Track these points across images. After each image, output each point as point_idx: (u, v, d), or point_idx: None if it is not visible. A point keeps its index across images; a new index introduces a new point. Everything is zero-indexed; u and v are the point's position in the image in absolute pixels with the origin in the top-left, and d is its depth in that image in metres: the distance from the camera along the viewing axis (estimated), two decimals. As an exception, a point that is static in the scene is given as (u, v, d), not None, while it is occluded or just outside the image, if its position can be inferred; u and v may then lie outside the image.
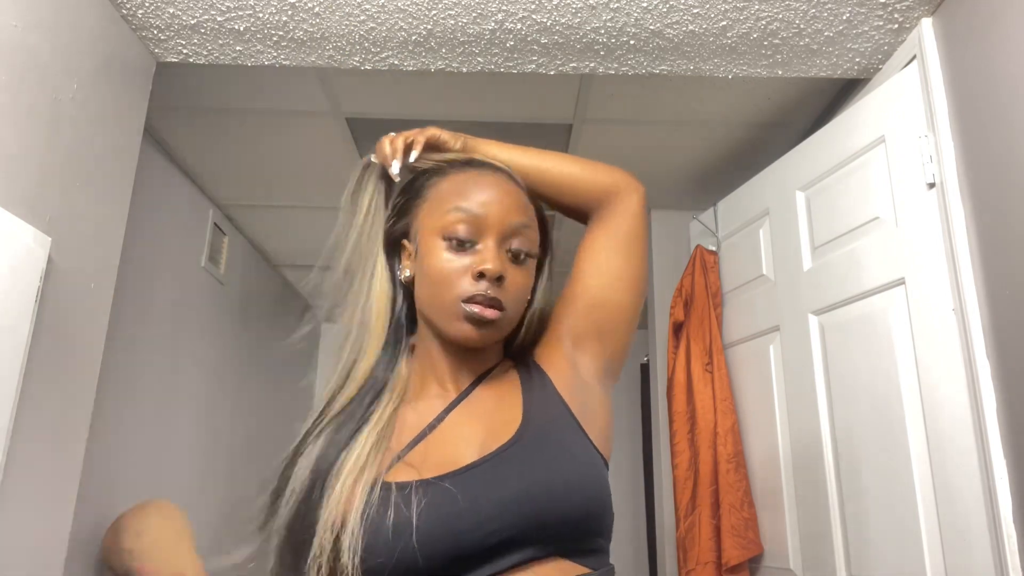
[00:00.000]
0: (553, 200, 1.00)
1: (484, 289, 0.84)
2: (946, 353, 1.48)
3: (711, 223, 2.37)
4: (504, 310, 0.86)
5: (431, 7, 1.61)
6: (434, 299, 0.87)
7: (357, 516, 0.75)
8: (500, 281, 0.85)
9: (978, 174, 1.46)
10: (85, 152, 1.54)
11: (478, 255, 0.85)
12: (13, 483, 1.30)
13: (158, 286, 2.34)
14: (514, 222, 0.88)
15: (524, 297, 0.90)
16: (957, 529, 1.42)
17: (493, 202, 0.88)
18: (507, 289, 0.86)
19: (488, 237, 0.86)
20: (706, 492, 2.08)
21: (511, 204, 0.89)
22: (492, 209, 0.87)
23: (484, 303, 0.84)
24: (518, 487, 0.77)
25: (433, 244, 0.87)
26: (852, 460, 1.70)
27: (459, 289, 0.85)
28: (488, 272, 0.84)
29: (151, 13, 1.64)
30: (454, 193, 0.89)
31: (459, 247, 0.86)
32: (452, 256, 0.86)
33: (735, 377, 2.17)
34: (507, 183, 0.92)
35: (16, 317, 1.30)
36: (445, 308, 0.86)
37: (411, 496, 0.76)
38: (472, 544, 0.74)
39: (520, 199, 0.92)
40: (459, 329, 0.86)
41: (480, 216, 0.87)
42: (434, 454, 0.82)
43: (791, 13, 1.62)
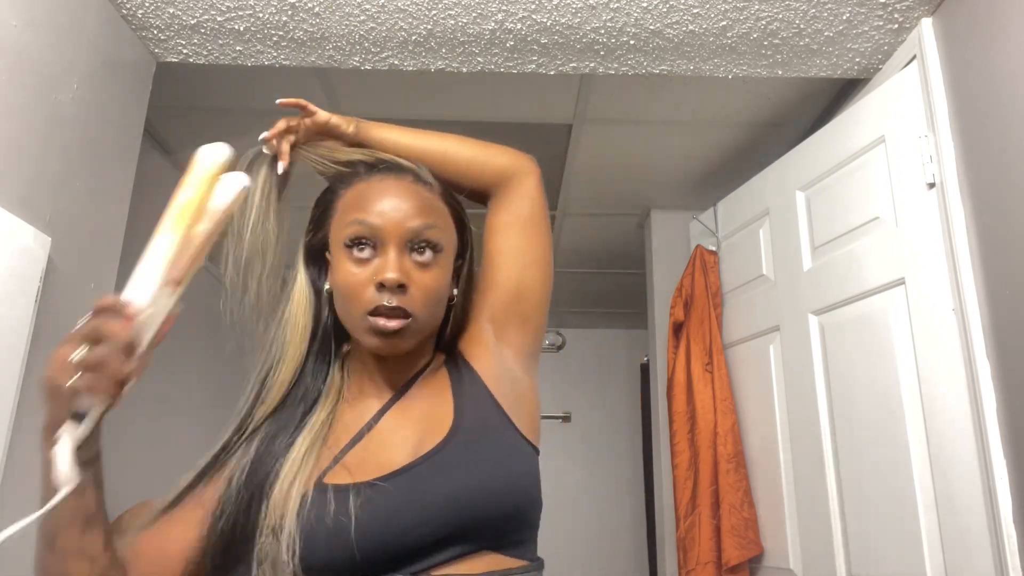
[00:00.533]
0: (451, 183, 0.98)
1: (386, 299, 0.83)
2: (946, 353, 1.48)
3: (711, 223, 2.37)
4: (411, 316, 0.84)
5: (431, 7, 1.61)
6: (344, 312, 0.88)
7: (294, 517, 0.77)
8: (403, 289, 0.84)
9: (978, 174, 1.46)
10: (85, 152, 1.54)
11: (379, 265, 0.85)
12: (13, 483, 1.30)
13: (158, 286, 2.34)
14: (414, 225, 0.86)
15: (438, 296, 0.89)
16: (957, 529, 1.42)
17: (391, 209, 0.87)
18: (413, 295, 0.85)
19: (388, 245, 0.85)
20: (706, 492, 2.08)
21: (411, 208, 0.87)
22: (390, 217, 0.86)
23: (387, 314, 0.83)
24: (451, 488, 0.79)
25: (338, 257, 0.88)
26: (852, 460, 1.70)
27: (363, 301, 0.84)
28: (387, 282, 0.83)
29: (151, 13, 1.64)
30: (353, 205, 0.89)
31: (360, 258, 0.86)
32: (355, 269, 0.85)
33: (735, 377, 2.17)
34: (410, 185, 0.91)
35: (16, 317, 1.30)
36: (354, 321, 0.86)
37: (348, 497, 0.78)
38: (408, 543, 0.77)
39: (422, 200, 0.90)
40: (368, 342, 0.86)
41: (377, 226, 0.86)
42: (370, 457, 0.84)
43: (791, 13, 1.62)
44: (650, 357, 2.79)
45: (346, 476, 0.82)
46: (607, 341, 4.39)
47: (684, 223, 2.55)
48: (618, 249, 3.20)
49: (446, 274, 0.90)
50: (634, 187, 2.66)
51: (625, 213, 2.87)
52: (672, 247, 2.70)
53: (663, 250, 2.75)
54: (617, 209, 2.84)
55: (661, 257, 2.75)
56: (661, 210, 2.79)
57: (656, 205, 2.79)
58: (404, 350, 0.88)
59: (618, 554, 4.08)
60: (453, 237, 0.93)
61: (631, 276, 3.36)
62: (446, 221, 0.92)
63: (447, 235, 0.91)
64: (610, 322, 4.31)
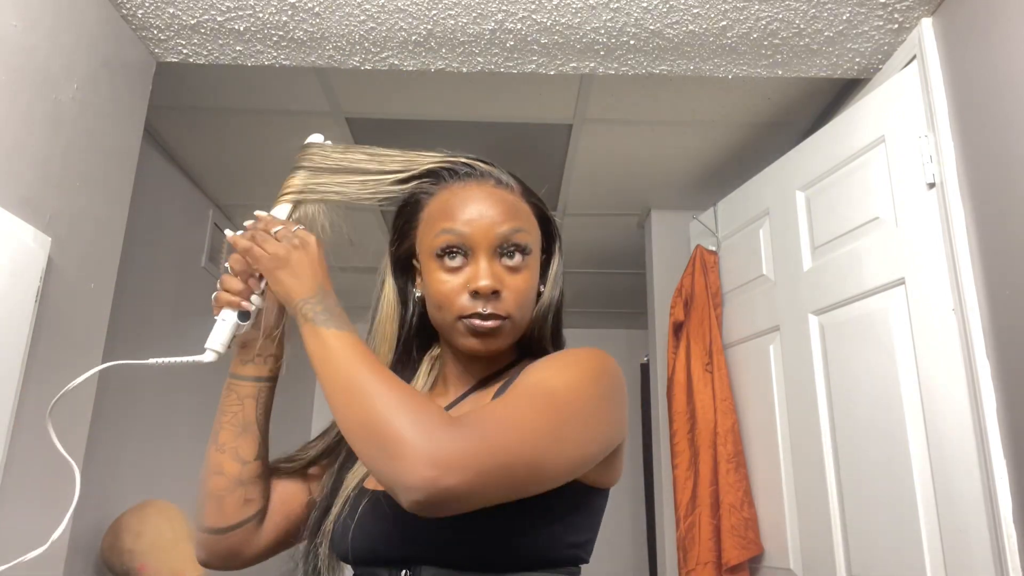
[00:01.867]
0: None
1: (480, 307, 0.86)
2: (946, 353, 1.48)
3: (711, 223, 2.37)
4: (508, 317, 0.87)
5: (431, 7, 1.61)
6: (438, 319, 0.90)
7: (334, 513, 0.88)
8: (496, 295, 0.86)
9: (978, 174, 1.46)
10: (85, 152, 1.54)
11: (471, 273, 0.87)
12: (13, 483, 1.30)
13: (158, 286, 2.34)
14: (502, 231, 0.88)
15: (528, 299, 0.90)
16: (957, 529, 1.42)
17: (478, 216, 0.88)
18: (506, 299, 0.87)
19: (479, 252, 0.87)
20: (706, 492, 2.08)
21: (497, 213, 0.88)
22: (478, 224, 0.87)
23: (482, 318, 0.86)
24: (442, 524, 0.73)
25: (429, 267, 0.90)
26: (852, 460, 1.70)
27: (457, 308, 0.86)
28: (481, 290, 0.85)
29: (151, 13, 1.64)
30: (440, 214, 0.90)
31: (452, 267, 0.87)
32: (447, 277, 0.87)
33: (735, 377, 2.17)
34: (492, 190, 0.91)
35: (16, 317, 1.30)
36: (449, 326, 0.89)
37: (362, 502, 0.84)
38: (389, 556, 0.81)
39: (506, 204, 0.90)
40: (465, 344, 0.88)
41: (466, 234, 0.87)
42: None
43: (791, 13, 1.62)
44: (650, 357, 2.79)
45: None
46: (607, 341, 4.39)
47: (684, 223, 2.55)
48: (618, 249, 3.20)
49: (535, 274, 0.92)
50: (634, 187, 2.66)
51: (625, 213, 2.87)
52: (672, 247, 2.70)
53: (663, 250, 2.75)
54: (617, 209, 2.84)
55: (661, 257, 2.75)
56: (661, 210, 2.79)
57: (656, 205, 2.79)
58: (500, 349, 0.90)
59: (618, 554, 4.09)
60: (538, 236, 0.94)
61: (631, 276, 3.36)
62: (530, 222, 0.93)
63: (533, 236, 0.92)
64: (610, 322, 4.31)
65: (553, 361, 0.83)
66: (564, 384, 0.76)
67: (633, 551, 4.09)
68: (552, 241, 0.97)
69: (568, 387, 0.76)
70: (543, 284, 0.96)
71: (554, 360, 0.83)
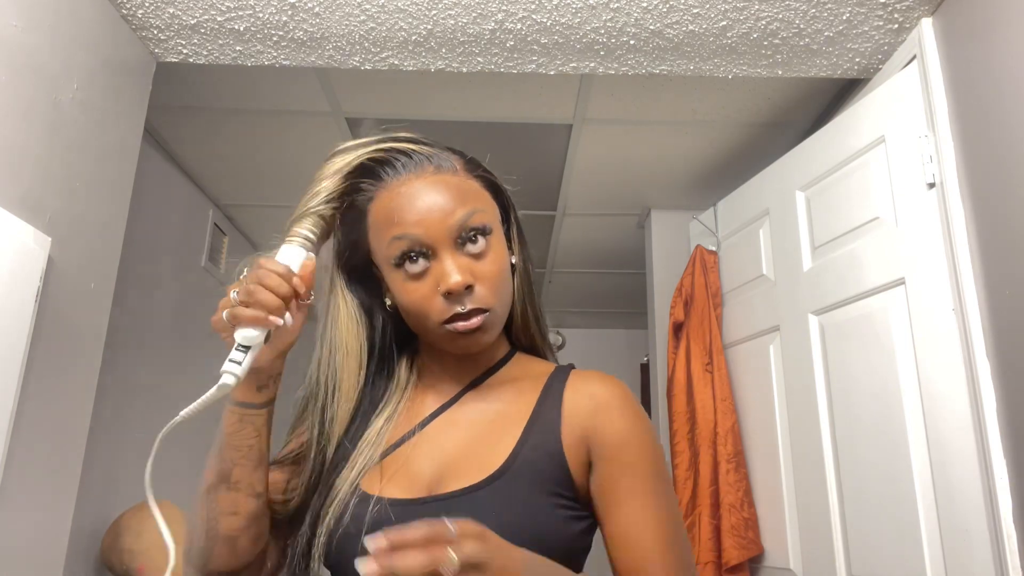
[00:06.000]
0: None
1: (458, 307, 0.80)
2: (946, 353, 1.48)
3: (711, 223, 2.37)
4: (489, 308, 0.82)
5: (431, 7, 1.61)
6: (420, 328, 0.85)
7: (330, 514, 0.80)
8: (470, 290, 0.80)
9: (978, 174, 1.46)
10: (85, 152, 1.54)
11: (438, 274, 0.80)
12: (13, 483, 1.30)
13: (158, 286, 2.34)
14: (457, 220, 0.81)
15: (504, 280, 0.84)
16: (957, 529, 1.42)
17: (427, 213, 0.81)
18: (481, 289, 0.81)
19: (439, 250, 0.81)
20: (706, 492, 2.08)
21: (447, 203, 0.81)
22: (429, 221, 0.80)
23: (464, 318, 0.80)
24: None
25: (393, 278, 0.83)
26: (852, 460, 1.70)
27: (435, 315, 0.81)
28: (453, 289, 0.79)
29: (151, 13, 1.64)
30: (387, 220, 0.82)
31: (416, 273, 0.81)
32: (414, 285, 0.81)
33: (735, 377, 2.17)
34: (434, 178, 0.83)
35: (16, 317, 1.30)
36: (433, 334, 0.83)
37: (367, 508, 0.79)
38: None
39: (452, 188, 0.83)
40: (456, 347, 0.84)
41: (420, 236, 0.80)
42: (405, 467, 0.83)
43: (791, 13, 1.62)
44: (650, 357, 2.79)
45: (375, 483, 0.81)
46: (607, 341, 4.39)
47: (684, 223, 2.55)
48: (618, 249, 3.20)
49: (503, 251, 0.85)
50: (634, 187, 2.66)
51: (625, 213, 2.87)
52: (672, 247, 2.70)
53: (663, 250, 2.75)
54: (617, 209, 2.84)
55: (661, 257, 2.75)
56: (661, 210, 2.79)
57: (656, 205, 2.79)
58: (491, 342, 0.85)
59: (618, 554, 4.08)
60: (495, 210, 0.87)
61: (631, 276, 3.36)
62: (483, 198, 0.85)
63: (490, 212, 0.85)
64: (610, 322, 4.31)
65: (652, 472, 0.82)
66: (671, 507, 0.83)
67: (633, 551, 4.08)
68: (508, 209, 0.91)
69: (672, 503, 0.84)
70: (513, 256, 0.89)
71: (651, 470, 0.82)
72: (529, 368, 0.91)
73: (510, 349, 0.93)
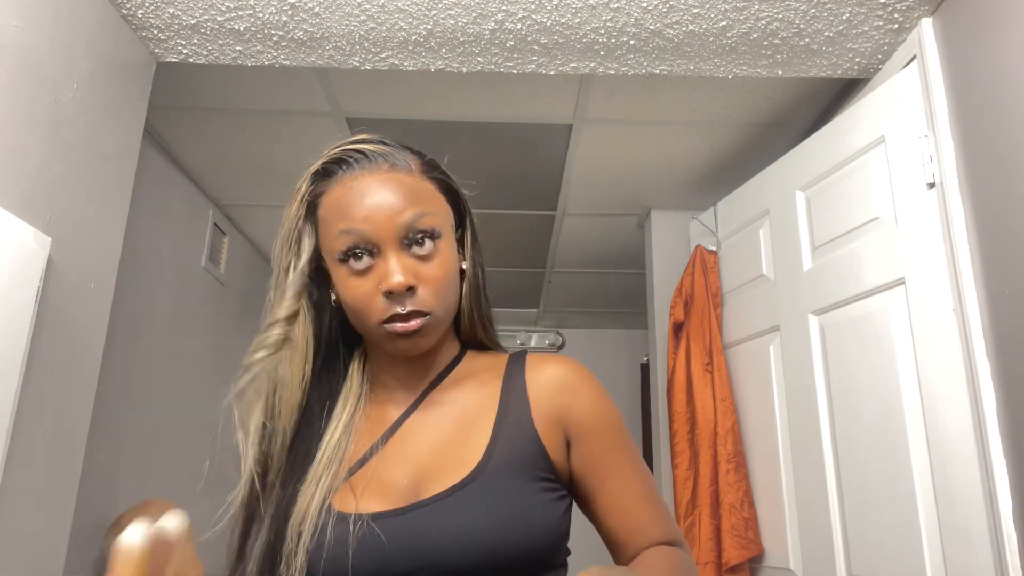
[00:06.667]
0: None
1: (398, 307, 0.79)
2: (946, 353, 1.48)
3: (711, 223, 2.37)
4: (429, 312, 0.81)
5: (431, 7, 1.61)
6: (359, 326, 0.84)
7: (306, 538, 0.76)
8: (412, 291, 0.80)
9: (978, 174, 1.46)
10: (85, 152, 1.54)
11: (381, 272, 0.80)
12: (13, 483, 1.30)
13: (158, 286, 2.34)
14: (405, 220, 0.80)
15: (448, 286, 0.83)
16: (957, 529, 1.42)
17: (376, 210, 0.80)
18: (423, 292, 0.80)
19: (384, 249, 0.80)
20: (706, 492, 2.08)
21: (397, 201, 0.81)
22: (377, 218, 0.80)
23: (403, 319, 0.80)
24: (452, 540, 0.75)
25: (337, 272, 0.82)
26: (852, 460, 1.70)
27: (375, 313, 0.80)
28: (394, 288, 0.78)
29: (151, 13, 1.65)
30: (335, 214, 0.82)
31: (359, 269, 0.80)
32: (356, 281, 0.80)
33: (735, 377, 2.17)
34: (387, 176, 0.82)
35: (16, 317, 1.30)
36: (371, 333, 0.83)
37: (347, 528, 0.76)
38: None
39: (405, 188, 0.82)
40: (394, 347, 0.83)
41: (366, 231, 0.79)
42: (377, 480, 0.81)
43: (791, 13, 1.62)
44: (650, 357, 2.79)
45: (350, 501, 0.79)
46: (607, 341, 4.39)
47: (684, 223, 2.55)
48: (618, 249, 3.20)
49: (452, 255, 0.84)
50: (634, 187, 2.66)
51: (625, 213, 2.87)
52: (672, 247, 2.70)
53: (663, 250, 2.75)
54: (617, 209, 2.84)
55: (661, 257, 2.75)
56: (661, 210, 2.79)
57: (656, 205, 2.79)
58: (430, 346, 0.84)
59: (618, 554, 4.08)
60: (448, 214, 0.86)
61: (631, 276, 3.36)
62: (436, 201, 0.84)
63: (442, 216, 0.84)
64: (610, 322, 4.31)
65: (612, 419, 0.86)
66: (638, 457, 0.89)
67: (633, 551, 4.08)
68: (463, 214, 0.90)
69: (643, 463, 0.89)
70: (464, 262, 0.89)
71: (612, 417, 0.87)
72: (484, 362, 0.91)
73: (461, 348, 0.93)
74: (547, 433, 0.84)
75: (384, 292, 0.79)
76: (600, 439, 0.85)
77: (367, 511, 0.78)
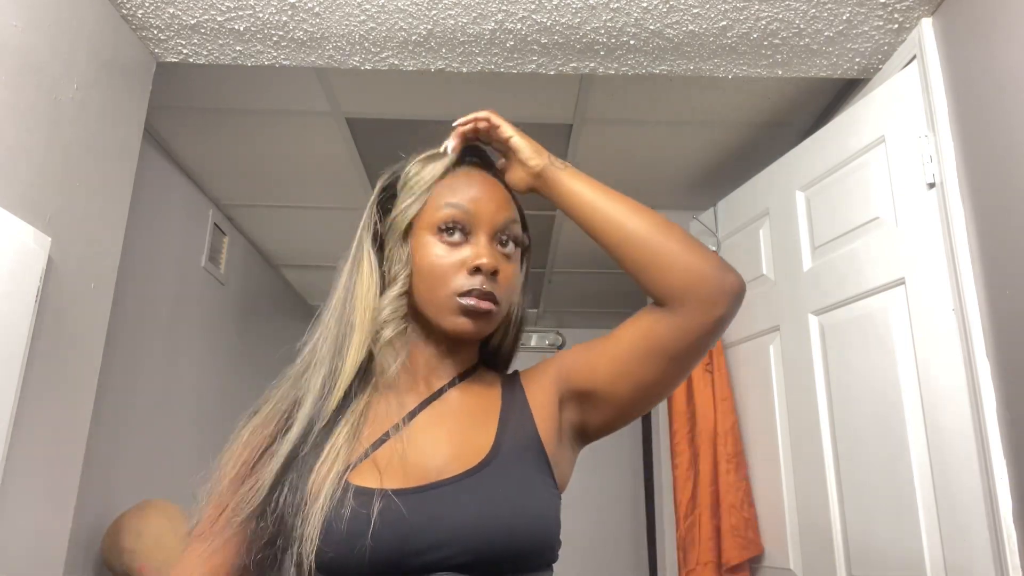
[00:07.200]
0: (615, 260, 0.94)
1: (480, 283, 0.85)
2: (946, 353, 1.48)
3: (711, 223, 2.37)
4: (498, 304, 0.87)
5: (431, 7, 1.61)
6: (429, 294, 0.87)
7: (320, 512, 0.77)
8: (495, 275, 0.86)
9: (978, 174, 1.46)
10: (85, 152, 1.54)
11: (472, 250, 0.87)
12: (13, 483, 1.30)
13: (158, 286, 2.34)
14: (504, 218, 0.90)
15: (514, 291, 0.92)
16: (957, 529, 1.42)
17: (483, 198, 0.89)
18: (500, 283, 0.87)
19: (480, 232, 0.88)
20: (706, 492, 2.08)
21: (500, 200, 0.91)
22: (482, 205, 0.89)
23: (480, 296, 0.85)
24: (472, 518, 0.78)
25: (425, 240, 0.88)
26: (852, 460, 1.70)
27: (454, 284, 0.86)
28: (484, 267, 0.85)
29: (151, 13, 1.65)
30: (448, 189, 0.90)
31: (452, 243, 0.87)
32: (445, 251, 0.87)
33: (735, 377, 2.17)
34: (493, 179, 0.94)
35: (16, 317, 1.30)
36: (440, 303, 0.86)
37: (371, 501, 0.77)
38: (419, 562, 0.76)
39: (505, 195, 0.93)
40: (454, 323, 0.86)
41: (472, 212, 0.88)
42: (401, 460, 0.83)
43: (791, 13, 1.62)
44: (650, 357, 2.78)
45: (374, 477, 0.81)
46: (607, 341, 4.38)
47: (684, 223, 2.54)
48: (618, 249, 3.19)
49: (519, 270, 0.93)
50: (634, 187, 2.63)
51: (625, 213, 2.87)
52: (672, 247, 2.69)
53: (663, 250, 2.74)
54: (617, 209, 2.84)
55: (661, 257, 2.74)
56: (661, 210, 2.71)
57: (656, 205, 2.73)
58: (485, 334, 0.90)
59: (618, 554, 4.08)
60: (522, 236, 0.95)
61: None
62: (519, 219, 0.94)
63: (521, 233, 0.94)
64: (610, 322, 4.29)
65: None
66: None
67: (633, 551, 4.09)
68: (526, 247, 0.98)
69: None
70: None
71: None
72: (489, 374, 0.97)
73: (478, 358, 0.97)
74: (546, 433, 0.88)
75: (473, 267, 0.85)
76: (559, 361, 0.93)
77: (390, 487, 0.80)
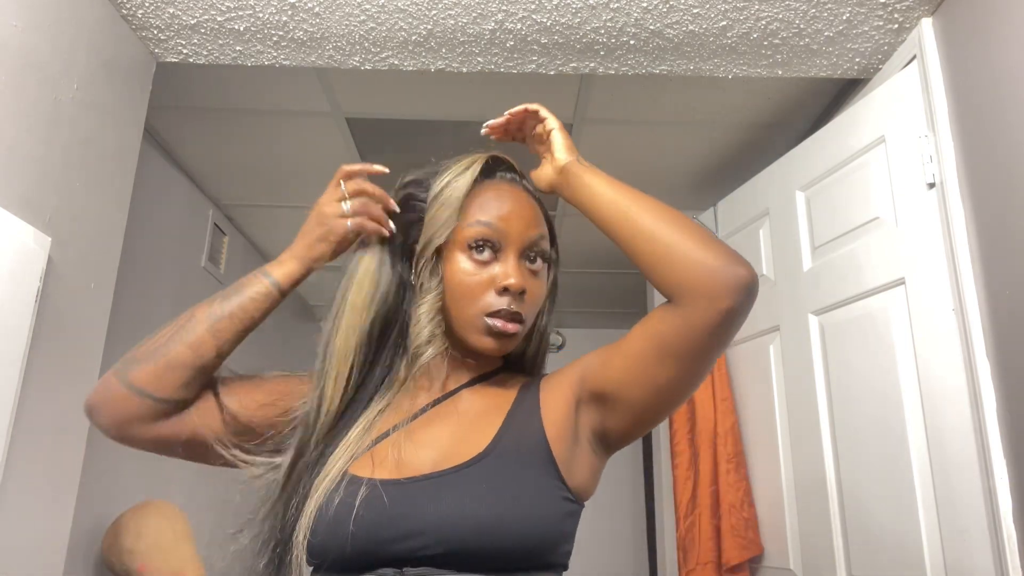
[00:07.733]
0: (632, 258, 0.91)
1: (507, 303, 0.86)
2: (946, 353, 1.48)
3: (711, 223, 2.37)
4: (523, 323, 0.88)
5: (431, 7, 1.61)
6: (457, 311, 0.88)
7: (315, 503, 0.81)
8: (522, 296, 0.87)
9: (978, 174, 1.46)
10: (85, 152, 1.54)
11: (501, 269, 0.87)
12: (13, 483, 1.30)
13: (158, 286, 2.34)
14: (533, 235, 0.90)
15: (539, 307, 0.93)
16: (957, 529, 1.42)
17: (512, 216, 0.89)
18: (527, 302, 0.88)
19: (509, 250, 0.88)
20: (706, 492, 2.08)
21: (530, 217, 0.91)
22: (512, 223, 0.89)
23: (507, 318, 0.86)
24: (448, 511, 0.77)
25: (456, 257, 0.88)
26: (852, 460, 1.70)
27: (483, 303, 0.86)
28: (512, 287, 0.86)
29: (151, 13, 1.65)
30: (479, 206, 0.89)
31: (481, 260, 0.87)
32: (474, 269, 0.87)
33: (735, 377, 2.17)
34: (523, 193, 0.94)
35: (16, 317, 1.30)
36: (467, 321, 0.87)
37: (358, 490, 0.79)
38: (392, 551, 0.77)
39: (536, 211, 0.93)
40: (479, 341, 0.87)
41: (502, 230, 0.88)
42: (395, 453, 0.84)
43: (791, 13, 1.62)
44: (650, 357, 2.79)
45: (367, 468, 0.83)
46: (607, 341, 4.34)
47: (684, 223, 2.55)
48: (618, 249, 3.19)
49: (547, 285, 0.94)
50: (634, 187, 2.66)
51: (625, 213, 2.87)
52: (672, 247, 2.69)
53: (663, 250, 2.74)
54: (617, 209, 2.84)
55: (661, 257, 2.74)
56: (661, 210, 2.79)
57: (656, 205, 2.79)
58: (508, 351, 0.90)
59: (618, 554, 4.08)
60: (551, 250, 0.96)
61: (631, 276, 3.36)
62: (548, 235, 0.95)
63: (549, 247, 0.95)
64: (610, 322, 4.31)
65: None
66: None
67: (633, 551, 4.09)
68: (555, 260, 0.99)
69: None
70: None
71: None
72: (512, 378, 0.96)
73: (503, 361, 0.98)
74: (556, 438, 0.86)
75: (501, 287, 0.86)
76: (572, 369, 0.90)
77: (379, 478, 0.81)
